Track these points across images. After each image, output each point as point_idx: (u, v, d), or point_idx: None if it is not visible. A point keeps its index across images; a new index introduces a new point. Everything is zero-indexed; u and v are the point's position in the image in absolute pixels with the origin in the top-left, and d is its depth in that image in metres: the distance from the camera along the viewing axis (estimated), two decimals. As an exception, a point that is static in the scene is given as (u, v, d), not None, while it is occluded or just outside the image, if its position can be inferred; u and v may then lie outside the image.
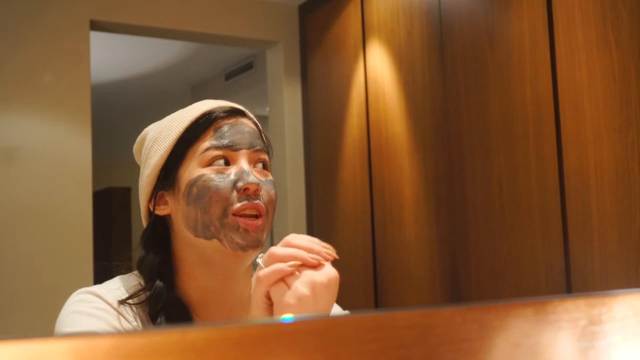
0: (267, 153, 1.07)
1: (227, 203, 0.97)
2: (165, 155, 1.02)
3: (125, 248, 1.08)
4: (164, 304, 0.98)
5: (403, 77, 3.08)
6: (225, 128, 1.02)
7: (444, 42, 2.84)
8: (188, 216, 0.99)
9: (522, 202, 2.44)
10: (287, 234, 0.92)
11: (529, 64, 2.43)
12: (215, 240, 0.98)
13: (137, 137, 1.13)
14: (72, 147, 3.30)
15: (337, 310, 1.14)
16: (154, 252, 1.03)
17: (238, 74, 5.12)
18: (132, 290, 1.00)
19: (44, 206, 3.21)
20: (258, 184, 0.98)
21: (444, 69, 2.84)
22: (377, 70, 3.24)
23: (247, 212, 0.98)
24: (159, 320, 0.98)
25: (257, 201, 0.98)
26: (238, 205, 0.97)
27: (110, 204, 7.58)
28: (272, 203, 1.01)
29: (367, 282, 3.23)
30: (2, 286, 3.08)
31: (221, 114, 1.03)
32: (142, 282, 1.02)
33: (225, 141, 1.01)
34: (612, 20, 2.15)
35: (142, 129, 1.14)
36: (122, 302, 0.96)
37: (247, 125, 1.04)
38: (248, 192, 0.98)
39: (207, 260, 1.00)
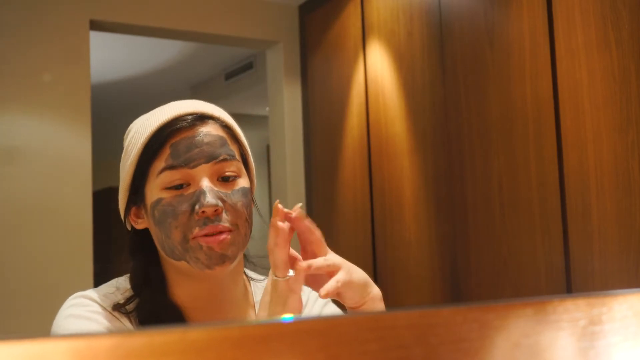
0: (240, 155, 1.01)
1: (186, 229, 0.94)
2: (131, 172, 0.98)
3: (125, 248, 1.08)
4: (155, 309, 0.98)
5: (403, 77, 3.08)
6: (183, 143, 0.95)
7: (444, 42, 2.84)
8: (156, 235, 0.98)
9: (522, 202, 2.44)
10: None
11: (529, 64, 2.43)
12: (183, 262, 0.96)
13: None
14: (72, 147, 3.30)
15: (333, 308, 1.15)
16: (139, 260, 1.01)
17: (238, 74, 5.12)
18: (126, 295, 0.99)
19: (44, 206, 3.21)
20: (216, 205, 0.93)
21: (444, 69, 2.84)
22: (377, 70, 3.24)
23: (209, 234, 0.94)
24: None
25: (218, 223, 0.93)
26: (196, 230, 0.93)
27: (110, 204, 7.57)
28: (240, 216, 0.96)
29: (367, 282, 3.23)
30: (2, 286, 3.08)
31: (177, 127, 0.95)
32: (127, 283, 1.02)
33: (180, 161, 0.94)
34: (612, 20, 2.15)
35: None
36: (115, 307, 0.96)
37: (208, 134, 0.97)
38: (206, 215, 0.93)
39: (183, 273, 0.99)
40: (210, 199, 0.93)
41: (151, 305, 0.98)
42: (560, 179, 2.30)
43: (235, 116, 1.08)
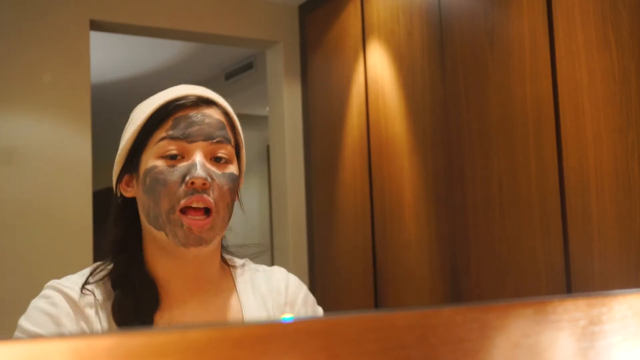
0: (235, 144, 1.06)
1: (175, 198, 0.98)
2: (131, 140, 1.04)
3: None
4: (129, 275, 1.02)
5: (403, 77, 3.08)
6: (184, 118, 1.01)
7: (444, 42, 2.84)
8: (143, 203, 1.02)
9: (522, 202, 2.44)
10: (287, 234, 0.94)
11: (529, 64, 2.43)
12: (162, 232, 1.00)
13: None
14: (72, 147, 3.30)
15: (314, 308, 1.16)
16: (121, 229, 1.06)
17: (238, 74, 5.12)
18: (97, 272, 1.04)
19: (44, 206, 3.21)
20: (205, 179, 0.98)
21: (444, 69, 2.84)
22: (377, 70, 3.24)
23: (194, 205, 0.98)
24: (117, 291, 1.01)
25: (204, 195, 0.98)
26: (184, 200, 0.98)
27: (110, 204, 7.58)
28: (223, 197, 1.01)
29: (367, 282, 3.23)
30: (2, 286, 3.08)
31: (182, 103, 1.02)
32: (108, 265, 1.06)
33: (179, 132, 1.00)
34: (612, 20, 2.15)
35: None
36: (82, 288, 1.01)
37: (210, 116, 1.03)
38: (195, 186, 0.98)
39: (161, 246, 1.03)
40: (201, 172, 0.98)
41: (125, 270, 1.02)
42: (560, 179, 2.30)
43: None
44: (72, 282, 1.03)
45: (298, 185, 3.79)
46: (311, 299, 1.17)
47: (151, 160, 1.01)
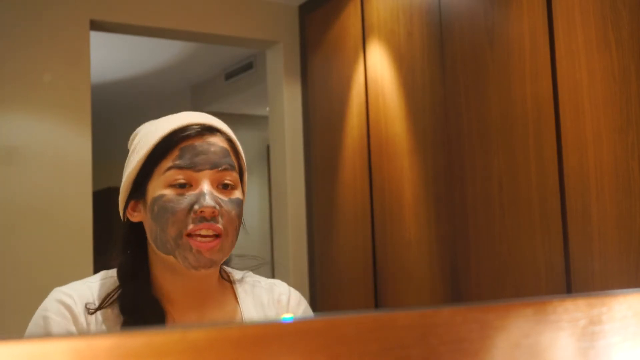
0: (239, 169, 1.10)
1: (182, 225, 1.02)
2: (137, 168, 1.07)
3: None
4: (137, 302, 1.05)
5: (403, 77, 3.08)
6: (190, 148, 1.04)
7: (444, 42, 2.84)
8: (151, 229, 1.05)
9: (522, 202, 2.44)
10: (287, 234, 0.95)
11: (529, 64, 2.43)
12: (171, 257, 1.04)
13: None
14: (72, 147, 3.30)
15: (303, 309, 1.19)
16: (129, 254, 1.09)
17: (238, 74, 5.12)
18: (105, 289, 1.07)
19: (44, 206, 3.20)
20: (214, 207, 1.02)
21: (444, 69, 2.84)
22: (377, 70, 3.24)
23: (203, 232, 1.02)
24: (126, 318, 1.04)
25: (213, 222, 1.02)
26: (191, 226, 1.01)
27: (110, 204, 7.57)
28: (232, 223, 1.05)
29: (367, 282, 3.23)
30: (2, 286, 3.08)
31: (187, 133, 1.05)
32: (114, 277, 1.09)
33: (186, 162, 1.03)
34: (612, 20, 2.15)
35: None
36: (92, 313, 1.03)
37: (215, 144, 1.06)
38: (204, 215, 1.01)
39: (169, 267, 1.06)
40: (209, 201, 1.02)
41: (134, 297, 1.05)
42: (560, 179, 2.30)
43: (235, 116, 1.12)
44: (77, 293, 1.05)
45: (298, 185, 3.79)
46: (311, 313, 1.21)
47: (159, 189, 1.04)
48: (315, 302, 3.55)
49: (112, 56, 4.85)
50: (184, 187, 1.03)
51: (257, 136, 5.86)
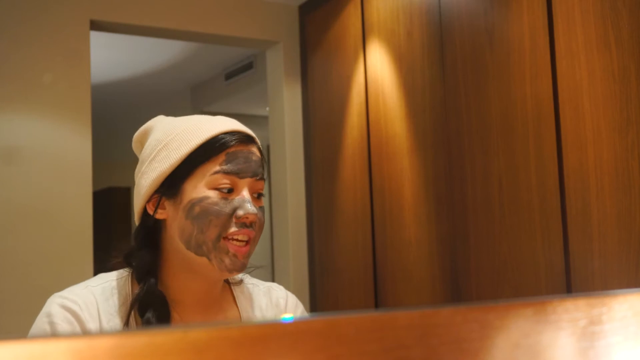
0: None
1: (224, 228, 1.04)
2: (174, 165, 1.06)
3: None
4: (152, 302, 1.05)
5: (403, 77, 3.08)
6: (237, 155, 1.07)
7: (444, 42, 2.84)
8: (184, 229, 1.05)
9: (522, 202, 2.44)
10: (287, 234, 0.96)
11: (529, 64, 2.43)
12: (204, 258, 1.04)
13: None
14: (72, 147, 3.30)
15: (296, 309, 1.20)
16: (146, 250, 1.08)
17: (238, 74, 5.12)
18: (109, 292, 1.06)
19: (44, 206, 3.20)
20: (256, 215, 1.05)
21: (444, 69, 2.84)
22: (377, 70, 3.24)
23: (240, 237, 1.04)
24: (147, 316, 1.04)
25: (251, 229, 1.05)
26: (233, 229, 1.04)
27: (110, 204, 7.58)
28: (260, 230, 1.09)
29: (367, 282, 3.23)
30: (1, 286, 3.08)
31: (235, 140, 1.07)
32: (127, 278, 1.09)
33: (234, 168, 1.06)
34: (612, 20, 2.15)
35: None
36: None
37: (254, 153, 1.10)
38: (246, 221, 1.04)
39: (192, 269, 1.07)
40: (253, 208, 1.05)
41: (151, 298, 1.05)
42: (560, 179, 2.30)
43: (235, 116, 1.13)
44: (82, 299, 1.04)
45: (298, 185, 3.79)
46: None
47: (201, 190, 1.04)
48: (315, 302, 3.55)
49: (112, 56, 4.85)
50: (230, 192, 1.05)
51: (257, 136, 5.85)
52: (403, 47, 3.08)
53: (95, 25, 3.47)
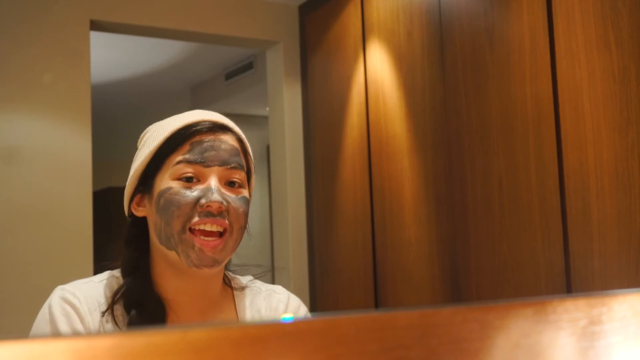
0: (247, 170, 1.09)
1: (187, 219, 1.01)
2: (146, 162, 1.06)
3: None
4: (139, 299, 1.04)
5: (403, 77, 3.08)
6: (201, 144, 1.04)
7: (444, 42, 2.84)
8: (156, 223, 1.04)
9: (522, 202, 2.44)
10: (287, 234, 0.95)
11: (529, 64, 2.43)
12: (173, 252, 1.02)
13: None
14: (72, 147, 3.30)
15: (299, 309, 1.19)
16: (131, 249, 1.08)
17: (238, 74, 5.12)
18: (110, 288, 1.06)
19: (44, 206, 3.20)
20: (221, 202, 1.01)
21: (444, 69, 2.84)
22: (377, 70, 3.24)
23: (208, 227, 1.01)
24: (132, 313, 1.03)
25: (219, 218, 1.01)
26: (196, 219, 1.00)
27: (110, 204, 7.58)
28: (238, 220, 1.03)
29: (367, 282, 3.23)
30: (1, 286, 3.08)
31: (200, 129, 1.04)
32: (118, 278, 1.08)
33: (196, 157, 1.03)
34: (612, 20, 2.15)
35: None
36: (104, 314, 1.02)
37: (226, 142, 1.06)
38: (210, 210, 1.00)
39: (171, 265, 1.05)
40: (217, 196, 1.01)
41: (137, 295, 1.04)
42: (560, 179, 2.30)
43: (235, 116, 1.13)
44: (82, 293, 1.04)
45: (298, 185, 3.79)
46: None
47: (166, 182, 1.03)
48: (315, 302, 3.55)
49: (112, 56, 4.85)
50: (190, 180, 1.02)
51: (257, 136, 5.85)
52: (403, 47, 3.08)
53: (95, 25, 3.47)
